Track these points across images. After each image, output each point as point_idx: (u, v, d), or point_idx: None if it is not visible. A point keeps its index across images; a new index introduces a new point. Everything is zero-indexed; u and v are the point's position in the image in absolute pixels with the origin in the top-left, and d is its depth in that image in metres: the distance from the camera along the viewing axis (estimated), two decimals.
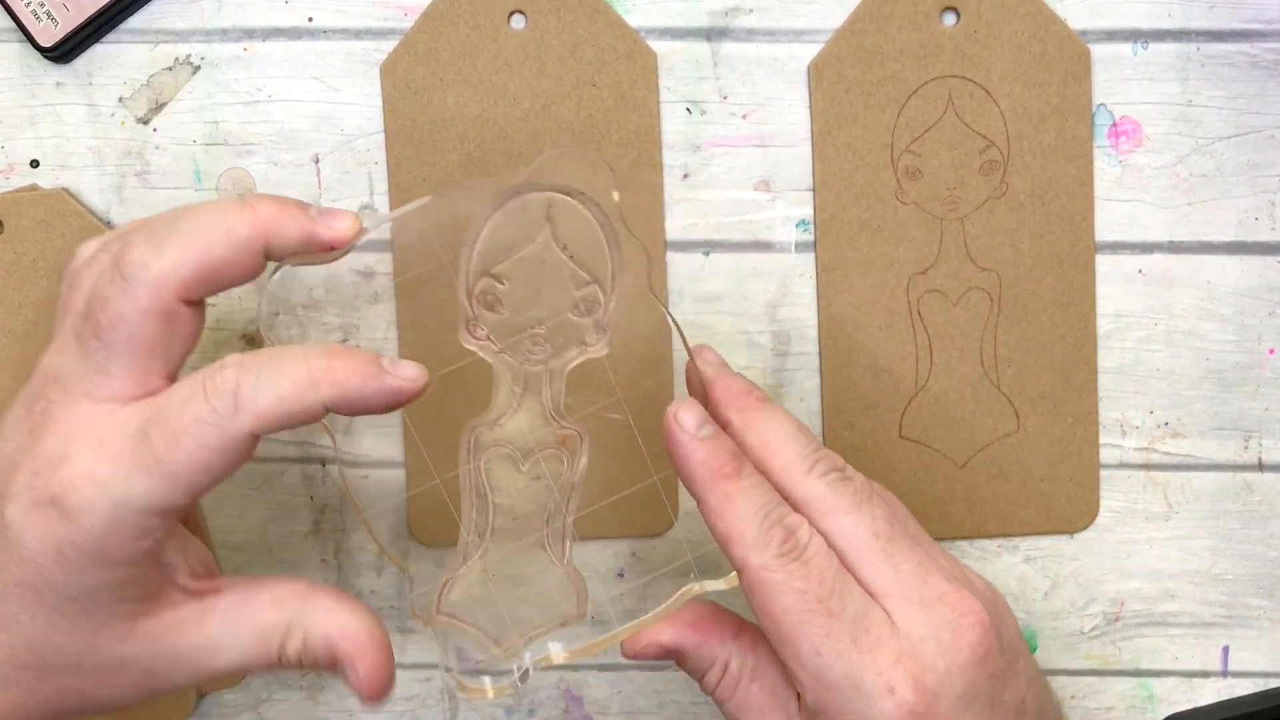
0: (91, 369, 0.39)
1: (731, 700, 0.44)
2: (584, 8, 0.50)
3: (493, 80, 0.50)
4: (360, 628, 0.41)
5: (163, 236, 0.39)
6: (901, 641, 0.40)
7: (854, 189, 0.50)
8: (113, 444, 0.38)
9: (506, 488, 0.43)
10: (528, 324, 0.42)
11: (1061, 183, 0.50)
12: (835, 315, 0.51)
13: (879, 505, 0.42)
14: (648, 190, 0.50)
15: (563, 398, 0.42)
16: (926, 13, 0.50)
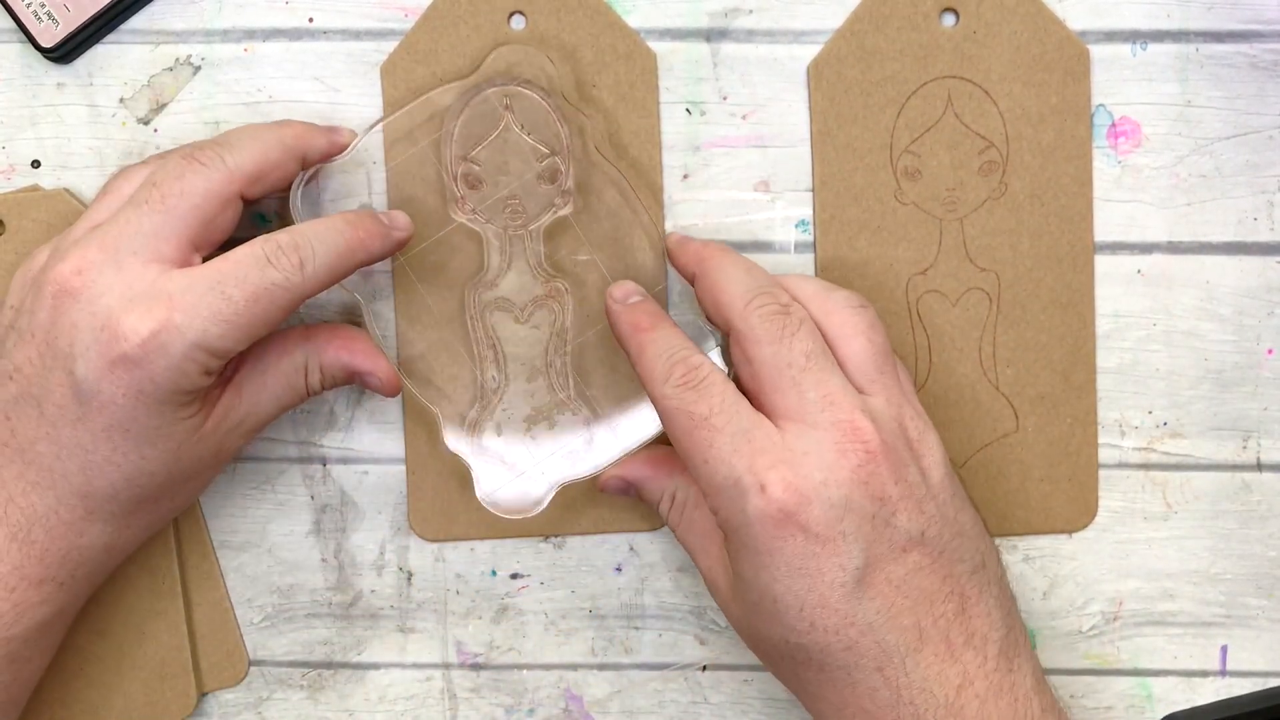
0: (146, 231, 0.44)
1: (680, 525, 0.49)
2: (584, 8, 0.50)
3: (492, 80, 0.50)
4: (363, 341, 0.49)
5: (229, 140, 0.46)
6: (783, 451, 0.43)
7: (853, 189, 0.51)
8: (185, 298, 0.43)
9: (510, 337, 0.50)
10: (504, 196, 0.50)
11: (1061, 183, 0.50)
12: None
13: (804, 339, 0.44)
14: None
15: (543, 254, 0.50)
16: (926, 13, 0.50)
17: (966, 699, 0.43)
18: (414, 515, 0.52)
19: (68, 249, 0.44)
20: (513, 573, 0.53)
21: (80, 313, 0.43)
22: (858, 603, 0.43)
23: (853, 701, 0.44)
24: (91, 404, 0.43)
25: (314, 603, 0.53)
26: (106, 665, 0.52)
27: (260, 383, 0.47)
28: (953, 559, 0.44)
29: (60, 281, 0.44)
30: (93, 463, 0.44)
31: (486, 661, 0.53)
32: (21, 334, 0.45)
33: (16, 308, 0.46)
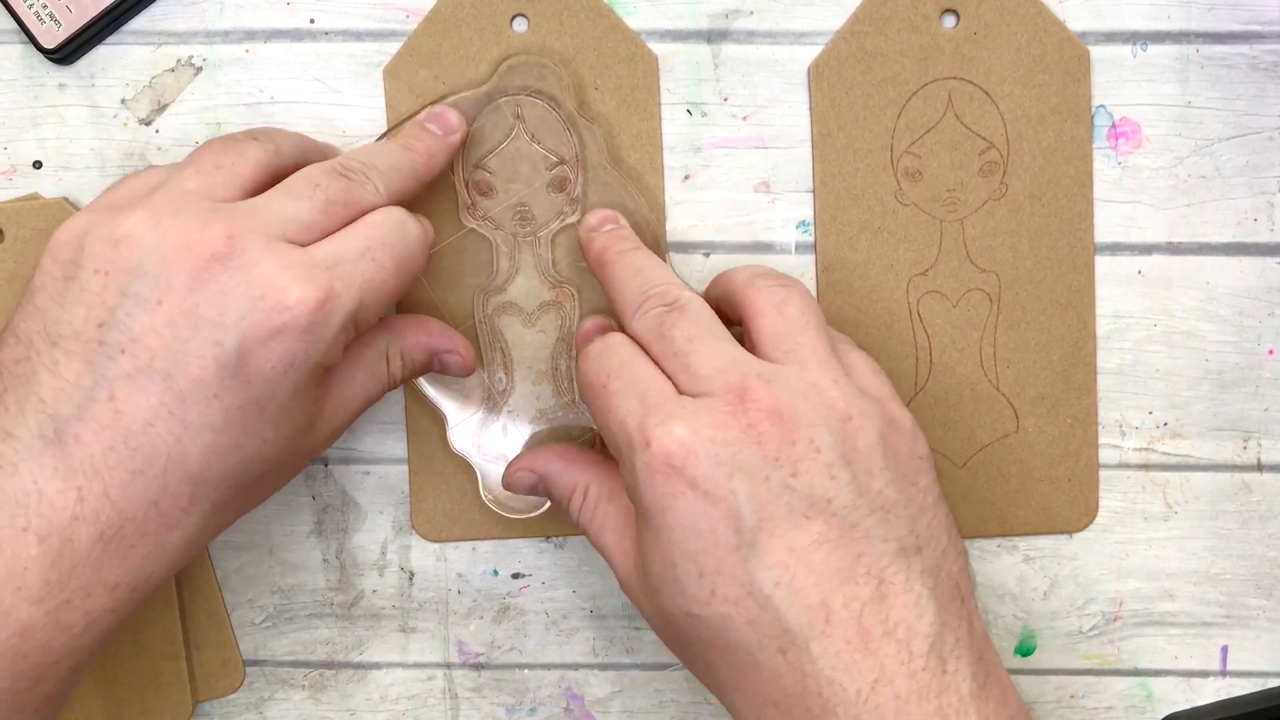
0: (303, 220, 0.43)
1: (593, 523, 0.47)
2: (586, 11, 0.50)
3: (495, 82, 0.50)
4: (437, 323, 0.49)
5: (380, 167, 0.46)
6: (675, 409, 0.41)
7: (854, 190, 0.51)
8: (340, 267, 0.42)
9: (517, 341, 0.51)
10: (514, 203, 0.50)
11: (1061, 184, 0.51)
12: (835, 316, 0.51)
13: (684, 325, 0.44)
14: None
15: (552, 260, 0.50)
16: (926, 15, 0.50)
17: (883, 697, 0.39)
18: (416, 515, 0.52)
19: (192, 212, 0.41)
20: (514, 572, 0.53)
21: (231, 280, 0.41)
22: (754, 569, 0.40)
23: (760, 691, 0.41)
24: (236, 378, 0.41)
25: (315, 603, 0.53)
26: (102, 675, 0.52)
27: (348, 376, 0.46)
28: (870, 535, 0.41)
29: (207, 250, 0.41)
30: (218, 444, 0.41)
31: (488, 661, 0.53)
32: (141, 301, 0.41)
33: (117, 270, 0.41)
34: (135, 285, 0.41)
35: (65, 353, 0.41)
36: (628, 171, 0.51)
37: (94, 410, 0.41)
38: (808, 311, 0.45)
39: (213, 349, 0.40)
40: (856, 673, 0.40)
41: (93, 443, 0.41)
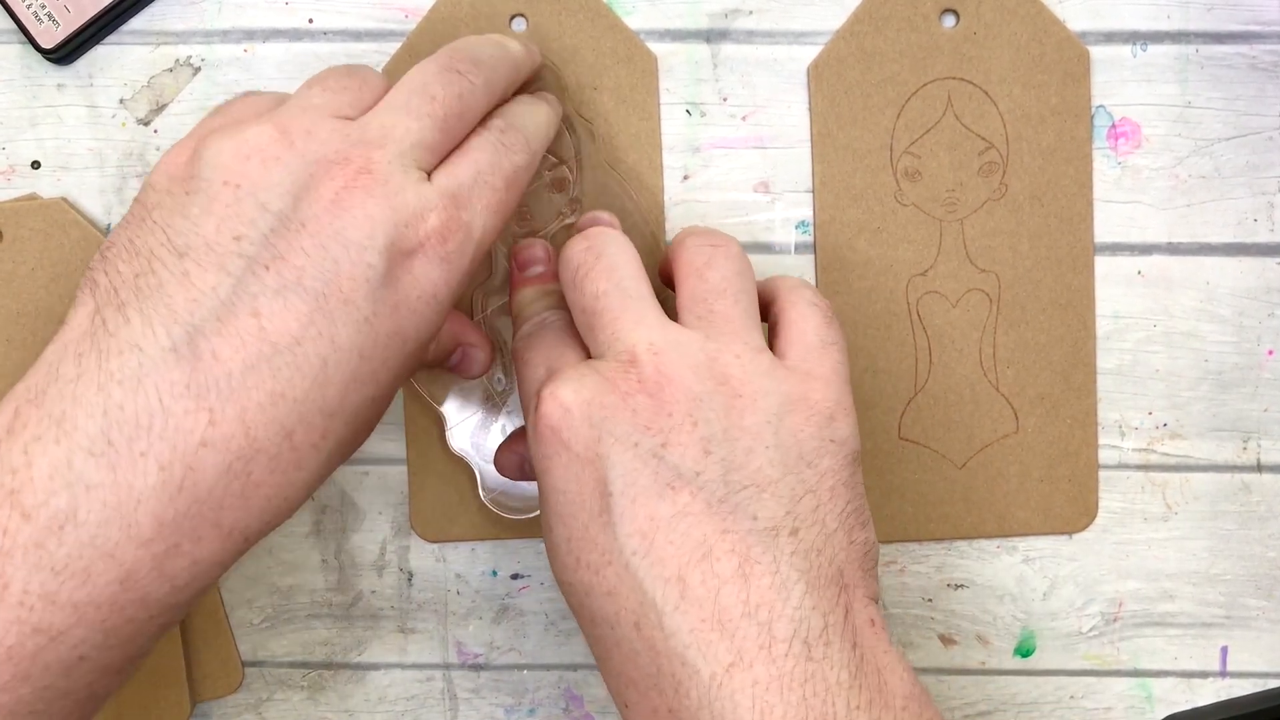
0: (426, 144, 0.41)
1: None
2: (585, 11, 0.50)
3: None
4: (463, 316, 0.48)
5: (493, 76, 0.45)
6: (568, 374, 0.41)
7: (853, 190, 0.51)
8: (464, 194, 0.41)
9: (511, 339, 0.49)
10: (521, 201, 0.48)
11: (1061, 184, 0.50)
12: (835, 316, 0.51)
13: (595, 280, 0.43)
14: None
15: None
16: (926, 14, 0.50)
17: (739, 683, 0.37)
18: (415, 516, 0.52)
19: (325, 134, 0.40)
20: (513, 573, 0.53)
21: (377, 205, 0.39)
22: (615, 536, 0.39)
23: (622, 669, 0.40)
24: (386, 303, 0.39)
25: (314, 603, 0.53)
26: None
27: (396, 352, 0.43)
28: (737, 512, 0.39)
29: (346, 175, 0.39)
30: (360, 373, 0.39)
31: (487, 662, 0.53)
32: (285, 219, 0.39)
33: (250, 185, 0.39)
34: (275, 203, 0.39)
35: (197, 263, 0.38)
36: (627, 172, 0.51)
37: (235, 324, 0.38)
38: (730, 275, 0.44)
39: (365, 271, 0.39)
40: (711, 655, 0.38)
41: (231, 359, 0.37)
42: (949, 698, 0.53)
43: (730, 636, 0.38)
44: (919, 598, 0.52)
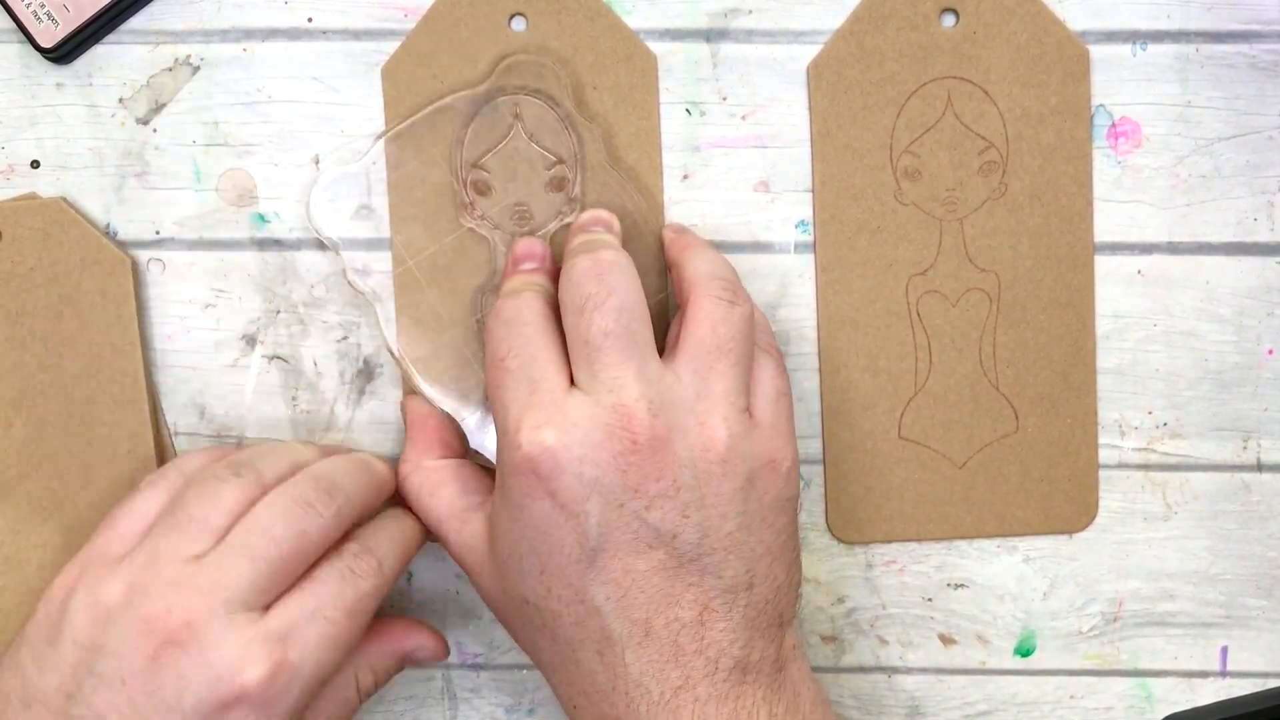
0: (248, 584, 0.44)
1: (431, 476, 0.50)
2: (584, 10, 0.50)
3: (494, 82, 0.50)
4: (400, 623, 0.49)
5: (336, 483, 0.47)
6: (556, 414, 0.43)
7: (853, 190, 0.51)
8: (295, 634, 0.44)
9: None
10: (513, 203, 0.50)
11: (1060, 183, 0.50)
12: (834, 316, 0.51)
13: (603, 318, 0.44)
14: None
15: None
16: (925, 14, 0.50)
17: (683, 701, 0.43)
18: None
19: (160, 589, 0.43)
20: None
21: (191, 664, 0.42)
22: (589, 582, 0.43)
23: (576, 680, 0.45)
24: None
25: None
26: None
27: (315, 713, 0.46)
28: (706, 571, 0.44)
29: (166, 633, 0.43)
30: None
31: (486, 662, 0.53)
32: (105, 679, 0.43)
33: (88, 645, 0.43)
34: (101, 663, 0.43)
35: (37, 716, 0.43)
36: (627, 171, 0.50)
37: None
38: (737, 337, 0.45)
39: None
40: (664, 680, 0.43)
41: None
42: (949, 697, 0.53)
43: (681, 667, 0.43)
44: (919, 597, 0.52)
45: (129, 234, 0.51)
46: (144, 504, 0.47)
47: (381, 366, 0.52)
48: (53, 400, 0.51)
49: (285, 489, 0.45)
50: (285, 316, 0.52)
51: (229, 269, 0.51)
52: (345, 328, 0.52)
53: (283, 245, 0.51)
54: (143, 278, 0.51)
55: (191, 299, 0.52)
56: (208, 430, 0.52)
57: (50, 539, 0.51)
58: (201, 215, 0.51)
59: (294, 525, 0.44)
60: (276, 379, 0.52)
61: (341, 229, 0.51)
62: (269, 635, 0.43)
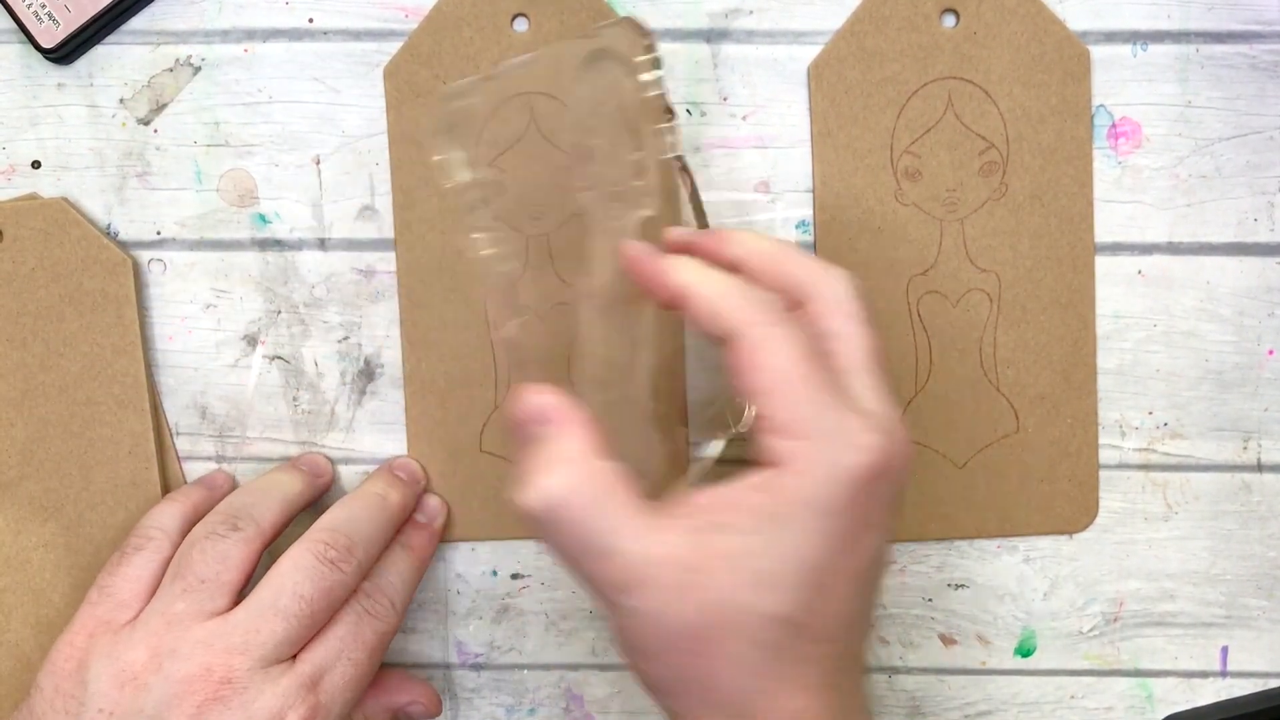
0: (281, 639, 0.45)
1: None
2: (586, 10, 0.50)
3: (507, 83, 0.50)
4: (396, 676, 0.51)
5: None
6: (865, 419, 0.40)
7: (853, 190, 0.51)
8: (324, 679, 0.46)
9: (590, 336, 0.46)
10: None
11: (1061, 184, 0.50)
12: None
13: None
14: None
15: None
16: (926, 14, 0.50)
17: None
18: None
19: (189, 649, 0.44)
20: (513, 573, 0.53)
21: (234, 718, 0.44)
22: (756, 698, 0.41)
23: None
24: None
25: None
26: None
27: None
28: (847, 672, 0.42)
29: (207, 691, 0.44)
30: None
31: (487, 661, 0.53)
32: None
33: (118, 712, 0.44)
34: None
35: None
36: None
37: None
38: None
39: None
40: None
41: None
42: (949, 698, 0.53)
43: None
44: (919, 597, 0.52)
45: (130, 234, 0.51)
46: (136, 569, 0.47)
47: (382, 366, 0.52)
48: (54, 400, 0.51)
49: (310, 544, 0.47)
50: (286, 317, 0.52)
51: (230, 269, 0.51)
52: (346, 328, 0.52)
53: (284, 245, 0.51)
54: (144, 278, 0.51)
55: (192, 299, 0.52)
56: (209, 430, 0.52)
57: (51, 539, 0.51)
58: (202, 215, 0.51)
59: (321, 583, 0.46)
60: (277, 379, 0.52)
61: (349, 229, 0.51)
62: (302, 682, 0.45)
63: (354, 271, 0.51)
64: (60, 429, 0.51)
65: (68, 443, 0.51)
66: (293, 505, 0.49)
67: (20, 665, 0.51)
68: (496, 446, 0.52)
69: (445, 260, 0.51)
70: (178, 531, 0.48)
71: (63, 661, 0.45)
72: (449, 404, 0.51)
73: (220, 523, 0.47)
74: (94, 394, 0.51)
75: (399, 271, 0.51)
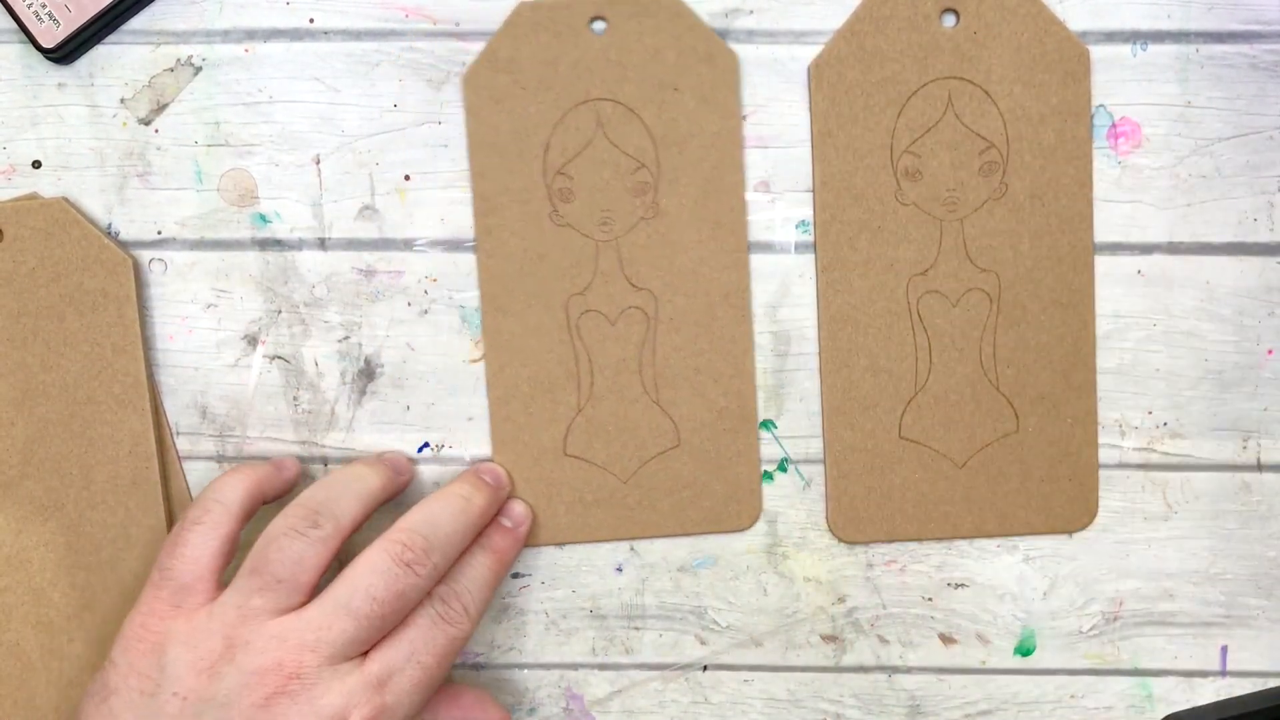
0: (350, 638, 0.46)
1: None
2: (665, 11, 0.50)
3: (574, 86, 0.50)
4: (470, 693, 0.51)
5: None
6: None
7: (854, 190, 0.51)
8: (392, 681, 0.46)
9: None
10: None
11: (1061, 184, 0.50)
12: (835, 315, 0.51)
13: None
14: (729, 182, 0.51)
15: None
16: (926, 14, 0.50)
17: None
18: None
19: (263, 644, 0.45)
20: (514, 572, 0.53)
21: (300, 713, 0.45)
22: None
23: None
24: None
25: None
26: None
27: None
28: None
29: (276, 684, 0.45)
30: None
31: (487, 661, 0.53)
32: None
33: (192, 698, 0.45)
34: (210, 714, 0.45)
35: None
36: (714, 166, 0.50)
37: None
38: None
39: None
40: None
41: None
42: (949, 697, 0.53)
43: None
44: (919, 597, 0.53)
45: (130, 234, 0.51)
46: (194, 549, 0.47)
47: (382, 366, 0.52)
48: (54, 400, 0.51)
49: (387, 545, 0.47)
50: (286, 316, 0.52)
51: (230, 269, 0.51)
52: (346, 328, 0.52)
53: (284, 245, 0.51)
54: (144, 278, 0.52)
55: (193, 299, 0.52)
56: (209, 430, 0.52)
57: (52, 538, 0.51)
58: (203, 215, 0.51)
59: (394, 586, 0.46)
60: (278, 379, 0.52)
61: (349, 229, 0.51)
62: (369, 682, 0.45)
63: (354, 271, 0.51)
64: (60, 428, 0.51)
65: (68, 442, 0.51)
66: (372, 502, 0.49)
67: (20, 665, 0.51)
68: (581, 450, 0.52)
69: (526, 265, 0.51)
70: (238, 506, 0.48)
71: (136, 641, 0.46)
72: (532, 408, 0.51)
73: (301, 519, 0.47)
74: (94, 393, 0.51)
75: (480, 277, 0.51)
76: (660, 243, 0.51)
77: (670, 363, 0.51)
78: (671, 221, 0.51)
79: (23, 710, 0.52)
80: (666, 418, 0.51)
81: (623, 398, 0.51)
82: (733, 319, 0.51)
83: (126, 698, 0.45)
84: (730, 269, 0.51)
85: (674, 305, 0.51)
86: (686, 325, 0.51)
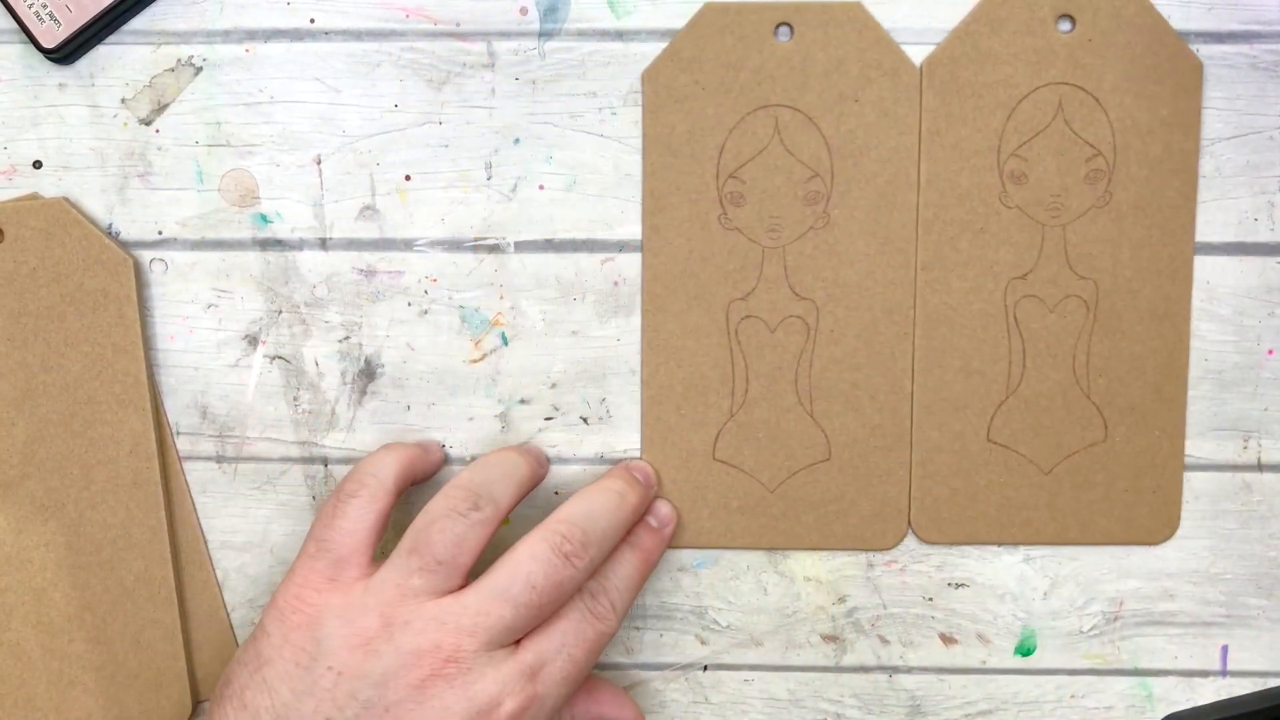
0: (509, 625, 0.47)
1: None
2: (851, 21, 0.50)
3: (754, 91, 0.50)
4: (607, 688, 0.51)
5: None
6: None
7: (958, 189, 0.50)
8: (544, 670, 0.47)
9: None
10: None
11: (1165, 195, 0.50)
12: (931, 315, 0.51)
13: None
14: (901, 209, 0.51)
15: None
16: (1042, 19, 0.50)
17: None
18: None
19: (421, 624, 0.45)
20: None
21: (455, 697, 0.45)
22: None
23: None
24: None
25: None
26: (102, 674, 0.52)
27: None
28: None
29: (433, 666, 0.45)
30: None
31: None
32: (369, 706, 0.45)
33: (347, 674, 0.45)
34: (365, 691, 0.45)
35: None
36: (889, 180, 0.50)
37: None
38: None
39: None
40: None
41: None
42: (949, 697, 0.53)
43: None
44: (919, 597, 0.53)
45: (131, 234, 0.51)
46: (351, 521, 0.47)
47: (382, 366, 0.52)
48: (55, 400, 0.51)
49: (547, 535, 0.47)
50: (287, 316, 0.52)
51: (231, 269, 0.51)
52: (347, 328, 0.52)
53: (285, 245, 0.51)
54: (145, 278, 0.52)
55: (193, 299, 0.52)
56: (210, 430, 0.52)
57: (52, 538, 0.51)
58: (203, 215, 0.51)
59: (553, 575, 0.46)
60: (278, 379, 0.52)
61: (350, 229, 0.51)
62: (522, 670, 0.46)
63: (355, 271, 0.51)
64: (61, 428, 0.51)
65: (69, 442, 0.51)
66: (523, 489, 0.49)
67: (20, 665, 0.51)
68: (730, 456, 0.52)
69: (691, 266, 0.51)
70: (392, 482, 0.48)
71: (291, 613, 0.46)
72: (685, 410, 0.51)
73: (462, 500, 0.47)
74: (95, 393, 0.51)
75: (644, 275, 0.51)
76: (827, 253, 0.50)
77: (827, 375, 0.51)
78: (841, 233, 0.50)
79: (23, 710, 0.52)
80: (819, 430, 0.51)
81: (776, 406, 0.51)
82: (894, 335, 0.51)
83: (281, 668, 0.46)
84: (896, 285, 0.51)
85: (835, 317, 0.51)
86: (847, 338, 0.51)
